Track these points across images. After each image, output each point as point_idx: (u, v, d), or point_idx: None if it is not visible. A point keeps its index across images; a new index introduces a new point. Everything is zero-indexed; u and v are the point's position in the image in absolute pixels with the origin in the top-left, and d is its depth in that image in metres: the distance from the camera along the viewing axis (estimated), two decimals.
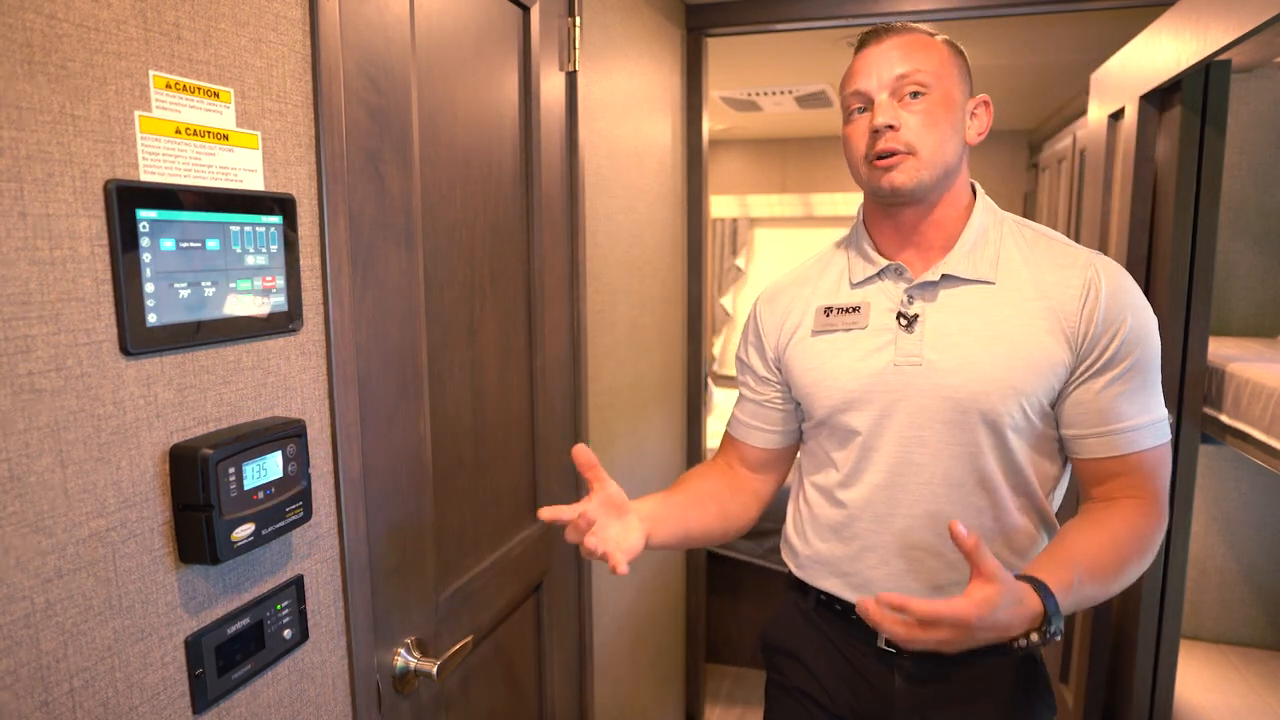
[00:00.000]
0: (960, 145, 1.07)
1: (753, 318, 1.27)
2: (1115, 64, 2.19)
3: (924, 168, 1.03)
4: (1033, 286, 1.05)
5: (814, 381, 1.14)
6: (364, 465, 0.97)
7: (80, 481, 0.65)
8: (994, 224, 1.10)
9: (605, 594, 1.79)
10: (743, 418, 1.28)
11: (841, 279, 1.17)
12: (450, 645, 1.16)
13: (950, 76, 1.06)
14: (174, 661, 0.73)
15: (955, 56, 1.08)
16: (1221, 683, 2.68)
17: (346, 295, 0.92)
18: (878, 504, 1.10)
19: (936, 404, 1.05)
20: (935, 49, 1.06)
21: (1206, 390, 2.02)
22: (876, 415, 1.08)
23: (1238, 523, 2.89)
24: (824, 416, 1.14)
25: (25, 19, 0.59)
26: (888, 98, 1.04)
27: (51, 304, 0.62)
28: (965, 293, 1.07)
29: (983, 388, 1.03)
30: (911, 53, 1.04)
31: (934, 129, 1.03)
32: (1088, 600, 0.98)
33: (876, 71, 1.05)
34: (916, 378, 1.06)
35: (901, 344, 1.08)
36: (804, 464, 1.24)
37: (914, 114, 1.03)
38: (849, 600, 1.14)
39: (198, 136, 0.73)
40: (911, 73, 1.03)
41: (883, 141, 1.03)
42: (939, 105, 1.04)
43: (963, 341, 1.05)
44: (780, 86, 3.50)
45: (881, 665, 1.13)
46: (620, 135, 1.81)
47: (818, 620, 1.20)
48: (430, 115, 1.10)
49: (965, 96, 1.08)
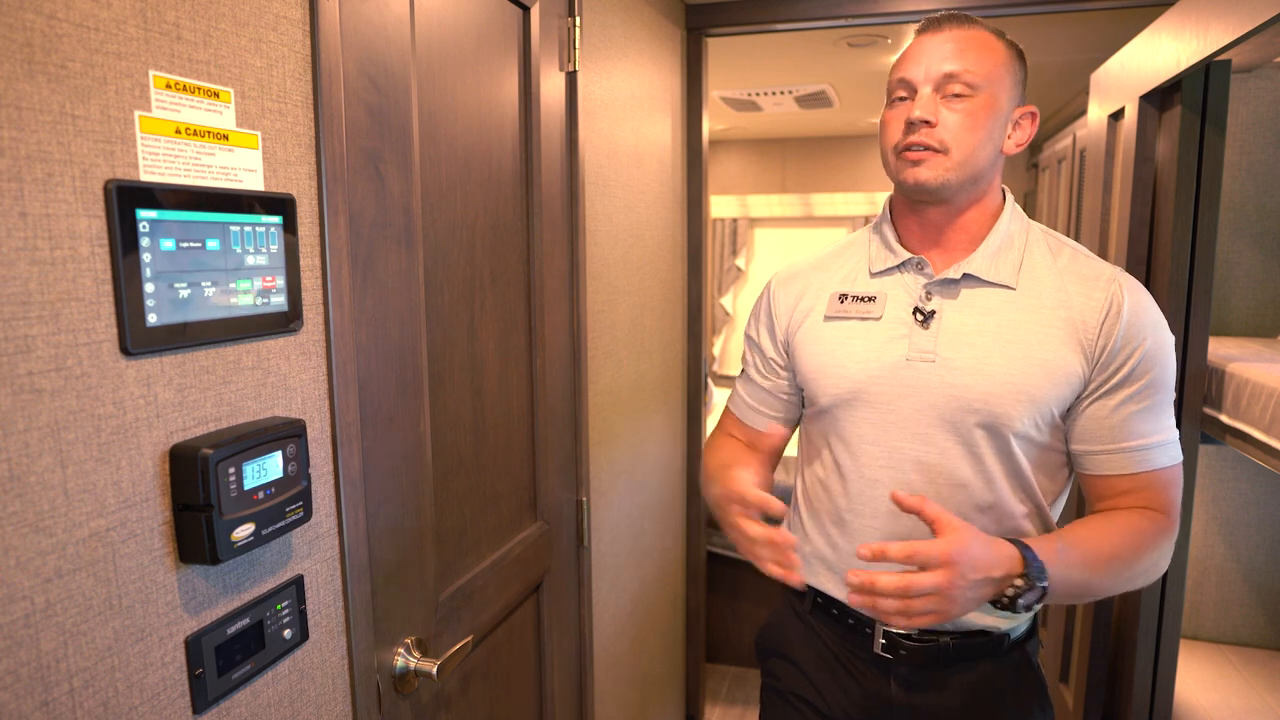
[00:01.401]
0: (996, 152, 1.05)
1: (766, 296, 1.24)
2: (1115, 64, 2.18)
3: (953, 168, 1.01)
4: (1054, 296, 1.03)
5: (821, 368, 1.12)
6: (364, 465, 0.97)
7: (80, 481, 0.65)
8: (1020, 231, 1.08)
9: (605, 594, 1.79)
10: (750, 401, 1.26)
11: (860, 267, 1.15)
12: (450, 645, 1.16)
13: (1001, 81, 1.03)
14: (174, 661, 0.73)
15: (1013, 61, 1.05)
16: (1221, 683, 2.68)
17: (346, 295, 0.92)
18: (878, 500, 1.09)
19: (946, 402, 1.04)
20: (993, 50, 1.03)
21: (1206, 390, 2.02)
22: (883, 408, 1.07)
23: (1238, 523, 2.89)
24: (828, 405, 1.12)
25: (25, 19, 0.59)
26: (931, 92, 1.01)
27: (51, 304, 0.62)
28: (985, 295, 1.05)
29: (994, 390, 1.02)
30: (966, 50, 1.01)
31: (972, 132, 1.01)
32: (1080, 585, 0.98)
33: (926, 62, 1.02)
34: (928, 374, 1.05)
35: (916, 339, 1.06)
36: (803, 454, 1.22)
37: (955, 113, 1.01)
38: (845, 603, 1.13)
39: (198, 136, 0.73)
40: (961, 72, 1.00)
41: (916, 134, 1.01)
42: (982, 109, 1.01)
43: (978, 343, 1.03)
44: (780, 86, 3.49)
45: (878, 671, 1.13)
46: (620, 135, 1.81)
47: (814, 624, 1.19)
48: (430, 115, 1.10)
49: (1013, 104, 1.05)
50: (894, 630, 1.10)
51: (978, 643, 1.09)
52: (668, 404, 2.27)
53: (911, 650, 1.10)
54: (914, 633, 1.09)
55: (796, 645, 1.21)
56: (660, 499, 2.22)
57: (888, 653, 1.11)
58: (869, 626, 1.12)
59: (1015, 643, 1.12)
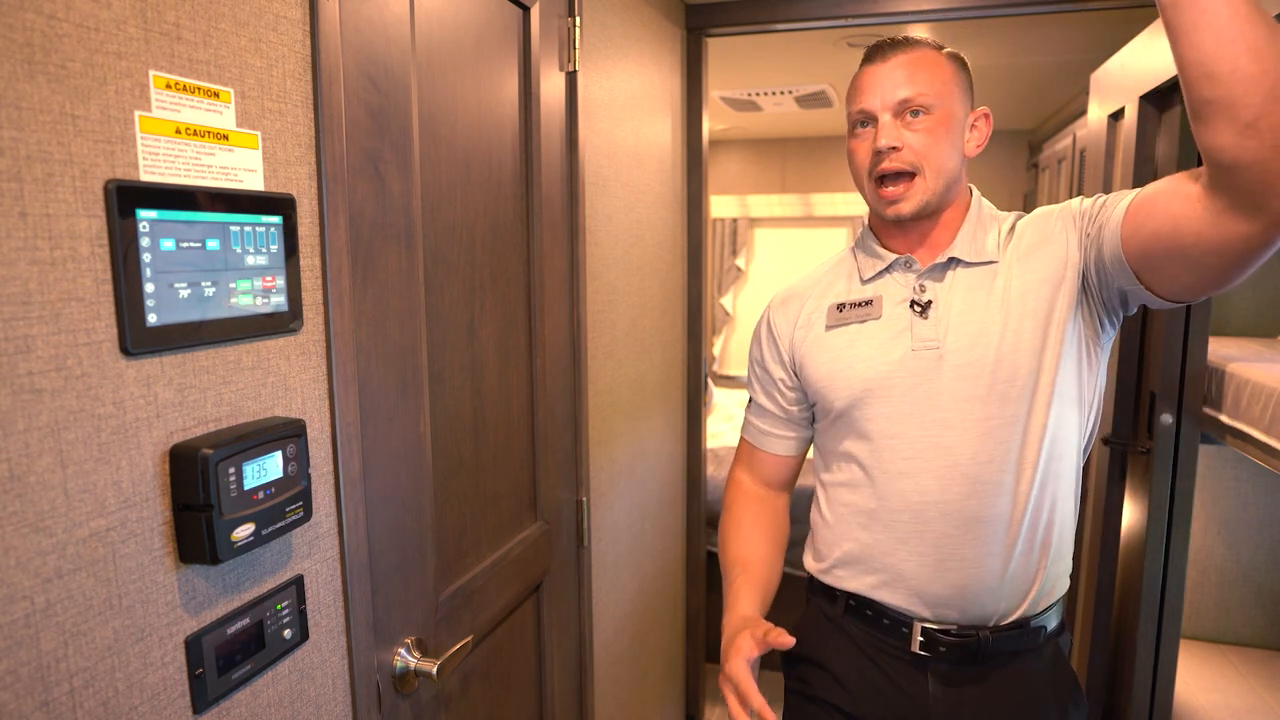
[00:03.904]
0: (961, 159, 1.12)
1: (765, 321, 1.28)
2: (1115, 64, 2.18)
3: (928, 189, 1.08)
4: (1028, 242, 1.10)
5: (830, 374, 1.15)
6: (364, 465, 0.97)
7: (80, 481, 0.65)
8: (989, 212, 1.16)
9: (605, 594, 1.79)
10: (762, 426, 1.30)
11: (852, 277, 1.20)
12: (450, 645, 1.16)
13: (952, 95, 1.09)
14: (174, 661, 0.73)
15: (959, 73, 1.11)
16: (1221, 683, 2.68)
17: (346, 295, 0.92)
18: (907, 493, 1.10)
19: (958, 385, 1.07)
20: (939, 68, 1.09)
21: (1206, 390, 2.02)
22: (898, 402, 1.10)
23: (1238, 523, 2.89)
24: (843, 409, 1.14)
25: (25, 19, 0.59)
26: (891, 118, 1.07)
27: (51, 304, 0.62)
28: (974, 274, 1.10)
29: (1000, 361, 1.05)
30: (916, 73, 1.07)
31: (936, 147, 1.07)
32: None
33: (881, 92, 1.08)
34: (935, 361, 1.08)
35: (918, 330, 1.10)
36: (823, 466, 1.23)
37: (917, 133, 1.07)
38: (880, 602, 1.14)
39: (198, 136, 0.73)
40: (915, 96, 1.06)
41: (886, 161, 1.08)
42: (940, 124, 1.07)
43: (977, 319, 1.08)
44: (780, 86, 3.50)
45: (915, 669, 1.12)
46: (620, 135, 1.81)
47: (847, 627, 1.18)
48: (430, 115, 1.10)
49: (966, 111, 1.12)
50: (932, 626, 1.11)
51: (1014, 635, 1.10)
52: (668, 404, 2.27)
53: (949, 646, 1.10)
54: (951, 629, 1.10)
55: (828, 650, 1.20)
56: (660, 499, 2.22)
57: (926, 650, 1.11)
58: (906, 625, 1.12)
59: (1049, 636, 1.14)
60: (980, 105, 1.15)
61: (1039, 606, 1.11)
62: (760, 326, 1.29)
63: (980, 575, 1.07)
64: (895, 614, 1.13)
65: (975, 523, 1.07)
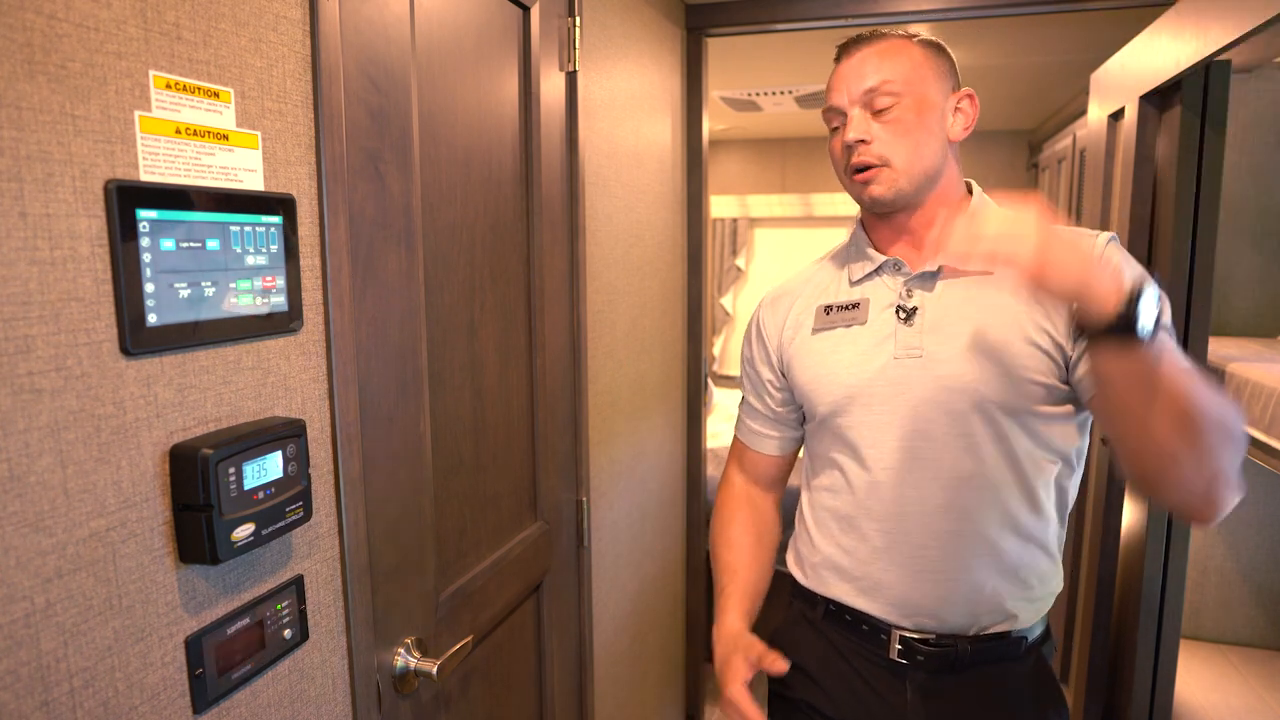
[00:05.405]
0: (941, 145, 1.07)
1: (755, 321, 1.27)
2: (1115, 64, 2.18)
3: (900, 177, 1.05)
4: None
5: (815, 379, 1.14)
6: (364, 465, 0.97)
7: (80, 481, 0.65)
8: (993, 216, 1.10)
9: (605, 594, 1.79)
10: (753, 425, 1.30)
11: (841, 278, 1.18)
12: (450, 645, 1.16)
13: (924, 80, 1.06)
14: (174, 661, 0.73)
15: (931, 57, 1.08)
16: (1221, 683, 2.68)
17: (346, 295, 0.92)
18: (886, 502, 1.08)
19: (939, 395, 1.04)
20: (906, 53, 1.06)
21: None
22: (879, 409, 1.08)
23: (1238, 523, 2.89)
24: (826, 414, 1.13)
25: (25, 19, 0.59)
26: (859, 112, 1.06)
27: (51, 304, 0.62)
28: (964, 283, 1.07)
29: (983, 375, 1.02)
30: (881, 63, 1.05)
31: (905, 137, 1.04)
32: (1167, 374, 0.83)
33: (847, 86, 1.07)
34: (917, 369, 1.06)
35: (901, 337, 1.08)
36: (808, 468, 1.23)
37: (885, 124, 1.05)
38: (858, 609, 1.13)
39: (198, 136, 0.73)
40: (880, 85, 1.04)
41: (856, 156, 1.06)
42: (910, 111, 1.05)
43: (963, 331, 1.04)
44: (780, 86, 3.50)
45: (893, 677, 1.11)
46: (620, 135, 1.81)
47: (826, 630, 1.18)
48: (430, 115, 1.10)
49: (944, 95, 1.08)
50: (910, 635, 1.09)
51: (994, 646, 1.08)
52: (668, 404, 2.27)
53: (928, 655, 1.08)
54: (930, 638, 1.08)
55: (808, 652, 1.19)
56: (660, 499, 2.22)
57: (904, 658, 1.10)
58: (884, 633, 1.11)
59: (1031, 645, 1.11)
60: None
61: (1019, 620, 1.09)
62: (751, 326, 1.28)
63: (958, 588, 1.06)
64: (873, 621, 1.12)
65: (954, 535, 1.05)
